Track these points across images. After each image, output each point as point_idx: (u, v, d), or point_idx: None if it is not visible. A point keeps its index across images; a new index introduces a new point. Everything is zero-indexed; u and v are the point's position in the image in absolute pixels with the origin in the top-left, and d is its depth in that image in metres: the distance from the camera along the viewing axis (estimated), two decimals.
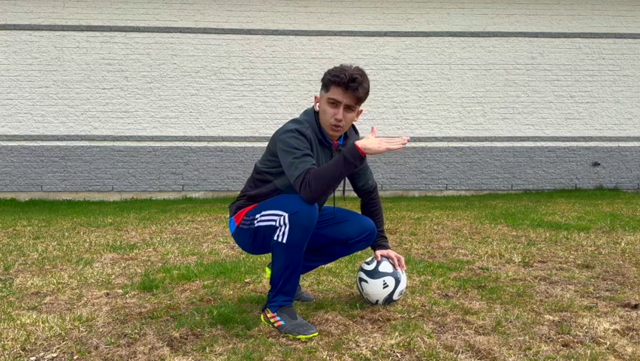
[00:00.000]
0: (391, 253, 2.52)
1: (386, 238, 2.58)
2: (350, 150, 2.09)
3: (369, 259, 2.54)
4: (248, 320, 2.27)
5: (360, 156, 2.08)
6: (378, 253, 2.51)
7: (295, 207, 2.11)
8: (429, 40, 9.76)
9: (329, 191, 2.15)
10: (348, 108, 2.22)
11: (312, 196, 2.08)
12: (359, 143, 2.09)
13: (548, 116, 9.91)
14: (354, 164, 2.08)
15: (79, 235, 4.83)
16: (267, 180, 2.32)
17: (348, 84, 2.16)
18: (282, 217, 2.13)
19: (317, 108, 2.31)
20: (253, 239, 2.30)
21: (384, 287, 2.42)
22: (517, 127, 9.90)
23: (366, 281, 2.46)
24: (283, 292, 2.21)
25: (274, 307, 2.21)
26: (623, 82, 9.93)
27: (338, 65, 2.25)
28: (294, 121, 2.30)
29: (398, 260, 2.49)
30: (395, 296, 2.46)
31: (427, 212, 6.49)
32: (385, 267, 2.45)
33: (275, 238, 2.15)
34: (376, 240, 2.52)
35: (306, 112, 2.35)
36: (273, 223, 2.17)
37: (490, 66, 9.84)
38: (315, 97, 2.33)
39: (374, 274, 2.44)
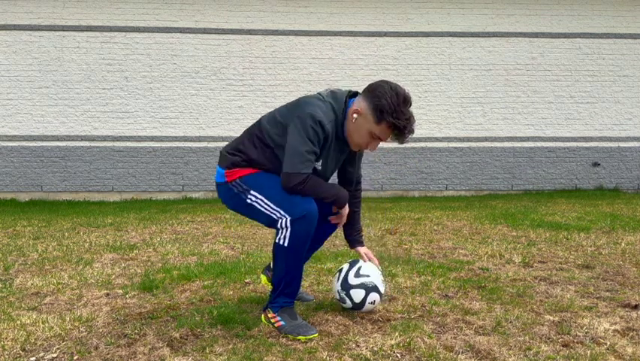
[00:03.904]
0: (369, 252, 2.48)
1: (362, 232, 2.55)
2: (345, 196, 2.20)
3: (347, 301, 2.34)
4: (248, 320, 2.26)
5: (341, 204, 2.22)
6: (362, 251, 2.46)
7: (298, 210, 2.08)
8: (429, 40, 9.76)
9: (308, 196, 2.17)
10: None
11: (297, 194, 2.10)
12: (340, 205, 2.23)
13: (548, 116, 9.91)
14: (334, 201, 2.18)
15: (79, 235, 4.83)
16: (268, 145, 2.19)
17: (405, 136, 2.10)
18: (284, 220, 2.10)
19: (352, 119, 2.14)
20: (240, 205, 2.25)
21: (371, 304, 2.35)
22: (517, 127, 9.90)
23: (357, 309, 2.37)
24: (285, 293, 2.20)
25: (275, 308, 2.20)
26: (623, 82, 9.93)
27: (404, 99, 2.07)
28: (321, 106, 2.12)
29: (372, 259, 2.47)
30: (382, 290, 2.41)
31: (427, 212, 6.49)
32: (370, 296, 2.32)
33: (277, 240, 2.13)
34: (354, 235, 2.48)
35: (336, 100, 2.18)
36: (273, 217, 2.14)
37: (490, 66, 9.84)
38: (358, 110, 2.12)
39: (361, 305, 2.33)
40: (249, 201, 2.19)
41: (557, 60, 9.88)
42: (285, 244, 2.10)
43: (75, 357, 1.93)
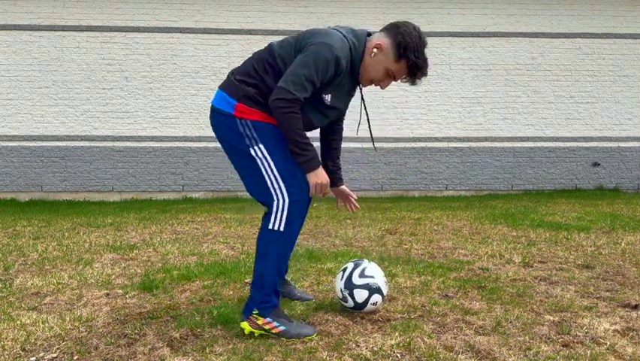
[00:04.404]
0: (348, 190, 2.45)
1: (341, 170, 2.48)
2: (318, 161, 2.04)
3: (349, 301, 2.34)
4: None
5: (312, 167, 2.02)
6: (344, 189, 2.43)
7: (297, 191, 2.02)
8: (429, 40, 9.68)
9: (280, 125, 2.00)
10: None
11: (277, 113, 1.96)
12: (316, 172, 2.04)
13: (548, 116, 9.91)
14: (306, 156, 2.00)
15: (79, 235, 4.83)
16: (279, 72, 2.04)
17: (418, 78, 2.08)
18: (282, 202, 2.02)
19: (372, 53, 2.07)
20: (238, 150, 2.08)
21: (373, 305, 2.35)
22: (517, 127, 9.90)
23: (358, 310, 2.37)
24: (274, 290, 2.08)
25: (267, 311, 2.06)
26: (623, 82, 9.93)
27: (424, 42, 2.07)
28: (340, 42, 2.00)
29: (354, 203, 2.44)
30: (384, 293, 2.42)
31: (427, 212, 6.49)
32: (373, 298, 2.32)
33: (271, 226, 2.03)
34: (335, 172, 2.42)
35: (357, 38, 2.08)
36: (269, 186, 2.03)
37: (490, 66, 9.84)
38: (380, 45, 2.06)
39: (363, 306, 2.33)
40: (252, 152, 2.04)
41: (557, 60, 9.88)
42: (282, 229, 2.02)
43: (75, 357, 1.93)
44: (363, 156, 9.69)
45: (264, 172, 2.04)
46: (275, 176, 2.04)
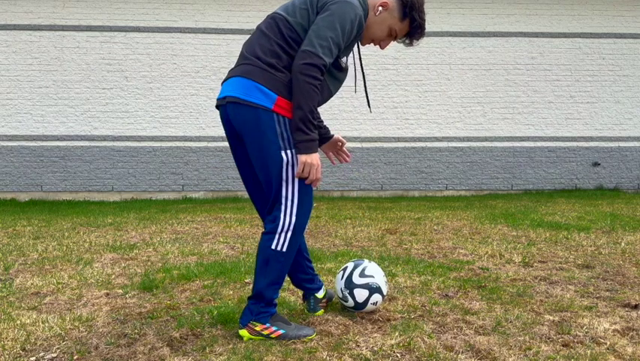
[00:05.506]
0: (342, 139, 2.36)
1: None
2: (316, 146, 1.90)
3: (349, 300, 2.34)
4: None
5: (306, 149, 1.86)
6: (337, 137, 2.35)
7: (305, 212, 1.98)
8: (429, 40, 9.76)
9: (297, 94, 1.84)
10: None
11: (301, 80, 1.80)
12: (312, 154, 1.88)
13: (548, 116, 9.91)
14: (302, 135, 1.84)
15: (79, 235, 4.83)
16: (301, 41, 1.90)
17: (416, 39, 2.08)
18: (289, 221, 1.96)
19: (377, 11, 2.02)
20: (264, 148, 1.90)
21: (373, 305, 2.35)
22: (517, 127, 9.90)
23: (358, 309, 2.38)
24: (274, 304, 2.08)
25: (265, 319, 2.05)
26: (623, 82, 9.93)
27: (424, 4, 2.06)
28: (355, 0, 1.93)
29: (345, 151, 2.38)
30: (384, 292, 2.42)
31: (427, 212, 6.49)
32: (373, 297, 2.32)
33: (273, 247, 1.98)
34: (324, 128, 2.32)
35: None
36: (282, 195, 1.92)
37: (490, 66, 9.84)
38: (385, 3, 2.02)
39: (363, 306, 2.32)
40: (283, 155, 1.90)
41: (557, 60, 9.88)
42: (284, 250, 1.99)
43: (75, 357, 1.93)
44: (363, 156, 9.69)
45: (284, 181, 1.93)
46: (293, 191, 1.94)
